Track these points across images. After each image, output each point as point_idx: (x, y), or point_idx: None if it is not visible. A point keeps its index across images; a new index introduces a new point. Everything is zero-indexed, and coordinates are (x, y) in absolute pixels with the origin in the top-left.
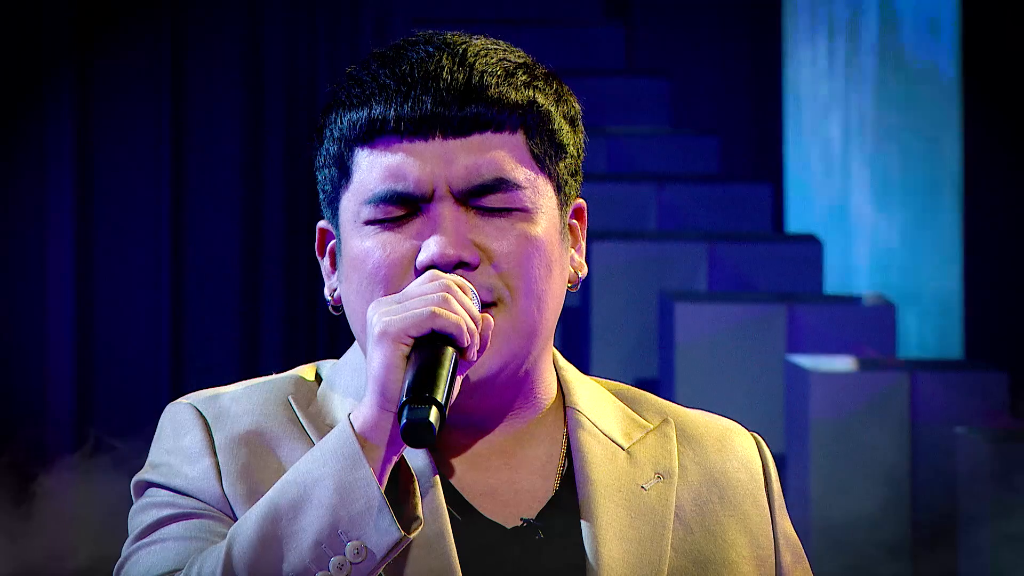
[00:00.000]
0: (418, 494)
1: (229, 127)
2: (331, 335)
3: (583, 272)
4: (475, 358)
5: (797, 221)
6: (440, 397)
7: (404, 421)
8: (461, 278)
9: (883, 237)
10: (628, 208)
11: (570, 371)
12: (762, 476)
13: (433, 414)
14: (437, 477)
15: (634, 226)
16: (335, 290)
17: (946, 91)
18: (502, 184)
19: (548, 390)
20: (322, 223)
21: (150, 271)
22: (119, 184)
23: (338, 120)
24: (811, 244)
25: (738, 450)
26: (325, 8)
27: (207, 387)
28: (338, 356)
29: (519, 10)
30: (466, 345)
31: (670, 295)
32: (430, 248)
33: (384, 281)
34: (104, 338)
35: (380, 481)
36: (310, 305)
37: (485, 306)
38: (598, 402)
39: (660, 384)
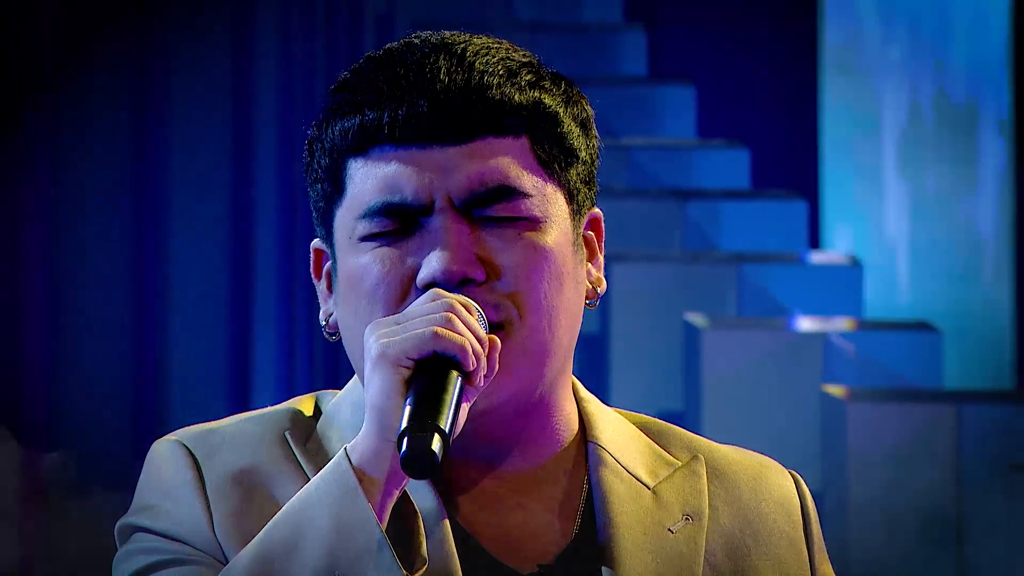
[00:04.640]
0: (422, 532)
1: (218, 137)
2: (332, 363)
3: (602, 287)
4: (482, 383)
5: (835, 241)
6: (443, 424)
7: (404, 450)
8: (466, 297)
9: (928, 258)
10: (650, 226)
11: (592, 403)
12: (800, 518)
13: (435, 442)
14: (446, 518)
15: (657, 246)
16: (331, 314)
17: (993, 106)
18: (507, 192)
19: (567, 422)
20: (316, 242)
21: (131, 297)
22: (98, 204)
23: (329, 130)
24: (850, 266)
25: (774, 490)
26: (323, 11)
27: (194, 422)
28: (340, 387)
29: (533, 12)
30: (471, 368)
31: (696, 321)
32: (432, 264)
33: (383, 301)
34: (84, 371)
35: (380, 517)
36: (308, 331)
37: (493, 327)
38: (622, 437)
39: (686, 417)
